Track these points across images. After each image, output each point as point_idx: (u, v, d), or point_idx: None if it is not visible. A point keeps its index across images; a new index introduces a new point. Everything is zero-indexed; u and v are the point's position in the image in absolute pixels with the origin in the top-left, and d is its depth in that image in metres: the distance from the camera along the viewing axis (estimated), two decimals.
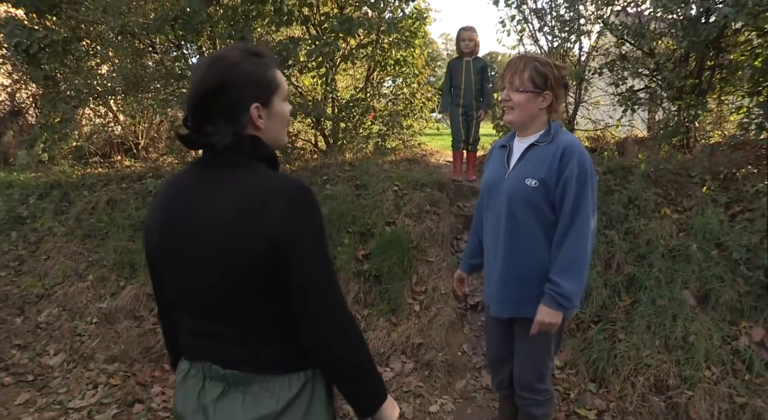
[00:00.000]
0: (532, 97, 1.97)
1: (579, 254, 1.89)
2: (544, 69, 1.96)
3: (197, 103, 1.18)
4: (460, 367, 3.35)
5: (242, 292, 1.14)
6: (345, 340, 1.18)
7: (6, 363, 3.82)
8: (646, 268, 3.48)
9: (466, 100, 4.83)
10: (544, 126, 2.04)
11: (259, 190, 1.14)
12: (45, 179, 5.45)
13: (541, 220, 1.97)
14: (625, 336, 3.19)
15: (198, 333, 1.23)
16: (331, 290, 1.18)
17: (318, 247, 1.16)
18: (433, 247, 4.10)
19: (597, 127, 5.59)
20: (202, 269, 1.16)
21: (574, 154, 1.91)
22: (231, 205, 1.13)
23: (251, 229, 1.11)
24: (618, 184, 4.09)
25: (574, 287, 1.89)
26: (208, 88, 1.16)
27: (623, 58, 4.97)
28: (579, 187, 1.89)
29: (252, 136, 1.21)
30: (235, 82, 1.17)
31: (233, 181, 1.16)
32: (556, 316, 1.92)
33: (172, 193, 1.24)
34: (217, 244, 1.13)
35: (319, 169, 5.14)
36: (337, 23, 4.66)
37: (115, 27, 4.79)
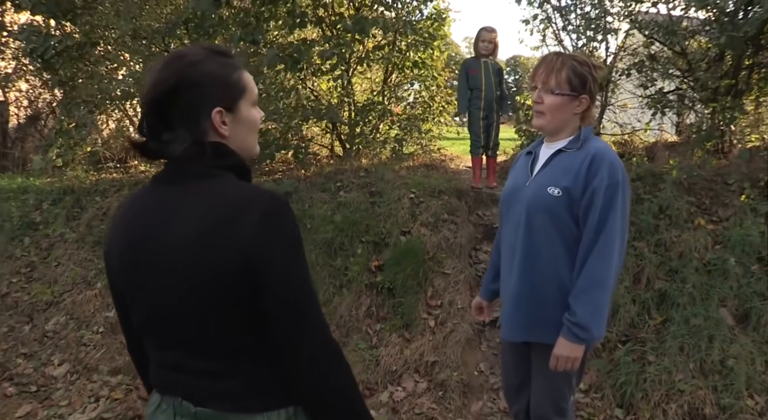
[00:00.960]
0: (568, 101, 1.77)
1: (600, 276, 1.68)
2: (582, 69, 1.75)
3: (152, 106, 1.03)
4: (477, 387, 3.14)
5: (214, 318, 1.01)
6: (329, 371, 1.04)
7: (11, 372, 3.75)
8: (678, 284, 3.23)
9: (487, 103, 4.60)
10: (575, 131, 1.84)
11: (226, 203, 1.01)
12: (59, 184, 5.41)
13: (562, 233, 1.76)
14: (655, 358, 2.95)
15: (167, 365, 1.10)
16: (312, 313, 1.04)
17: (295, 265, 1.02)
18: (450, 258, 3.90)
19: (624, 131, 5.32)
20: (169, 295, 1.03)
21: (603, 162, 1.71)
22: (196, 220, 1.00)
23: (219, 246, 0.98)
24: (648, 192, 3.84)
25: (591, 315, 1.68)
26: (163, 89, 1.02)
27: (652, 59, 4.71)
28: (607, 200, 1.68)
29: (215, 143, 1.07)
30: (194, 82, 1.03)
31: (198, 193, 1.03)
32: (574, 350, 1.70)
33: (133, 211, 1.11)
34: (184, 266, 1.00)
35: (333, 175, 4.98)
36: (351, 23, 4.51)
37: (127, 31, 4.72)
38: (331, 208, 4.36)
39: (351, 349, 3.45)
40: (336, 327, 3.59)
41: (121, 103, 6.00)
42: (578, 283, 1.70)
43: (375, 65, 5.82)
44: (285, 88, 4.85)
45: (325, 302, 3.75)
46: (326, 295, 3.78)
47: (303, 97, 5.15)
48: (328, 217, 4.23)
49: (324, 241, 4.05)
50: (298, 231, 1.05)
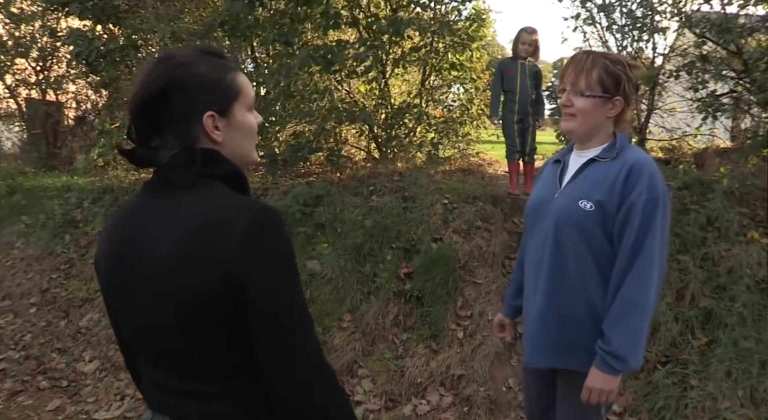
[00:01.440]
0: (600, 104, 1.60)
1: (638, 300, 1.52)
2: (616, 68, 1.59)
3: (140, 110, 0.98)
4: (504, 404, 3.00)
5: (201, 339, 0.96)
6: (320, 397, 0.97)
7: (45, 366, 3.87)
8: (726, 302, 3.00)
9: (522, 106, 4.41)
10: (609, 138, 1.67)
11: (210, 216, 0.95)
12: (100, 184, 5.56)
13: (594, 251, 1.60)
14: (698, 382, 2.74)
15: (157, 385, 1.06)
16: (302, 334, 0.96)
17: (283, 282, 0.95)
18: (483, 267, 3.76)
19: (672, 137, 5.04)
20: (154, 312, 0.98)
21: (643, 174, 1.53)
22: (179, 237, 0.95)
23: (201, 263, 0.92)
24: (695, 201, 3.59)
25: (628, 344, 1.52)
26: (151, 92, 0.96)
27: (704, 59, 4.43)
28: (646, 218, 1.51)
29: (207, 150, 1.00)
30: (183, 85, 0.97)
31: (184, 205, 0.97)
32: (608, 382, 1.54)
33: (123, 222, 1.06)
34: (167, 282, 0.94)
35: (366, 179, 4.91)
36: (386, 24, 4.42)
37: (166, 33, 4.80)
38: (362, 213, 4.29)
39: (376, 358, 3.37)
40: (362, 335, 3.51)
41: None
42: (613, 309, 1.55)
43: (412, 67, 5.72)
44: (319, 90, 4.81)
45: (351, 309, 3.68)
46: (353, 301, 3.71)
47: (337, 99, 5.10)
48: (359, 221, 4.16)
49: (353, 247, 3.98)
50: (287, 246, 0.98)
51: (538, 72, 4.46)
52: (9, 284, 4.93)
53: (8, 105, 8.08)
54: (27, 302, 4.68)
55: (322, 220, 4.30)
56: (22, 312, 4.61)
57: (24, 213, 5.65)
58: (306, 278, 3.87)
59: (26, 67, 7.68)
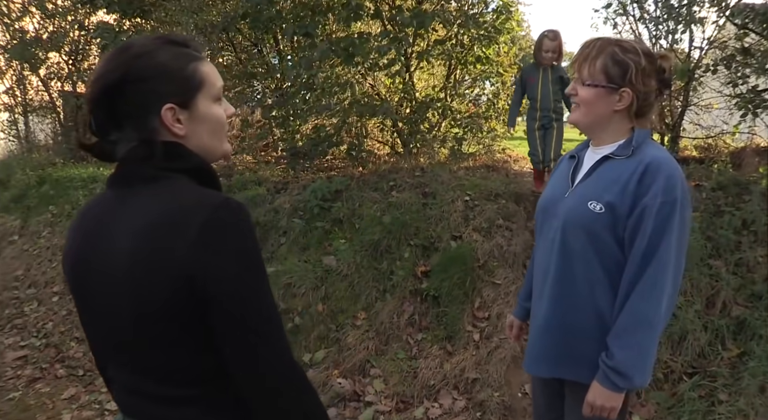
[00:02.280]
0: (603, 94, 1.46)
1: (647, 314, 1.39)
2: (625, 57, 1.44)
3: (96, 103, 0.93)
4: (519, 411, 2.89)
5: (163, 341, 0.91)
6: (290, 400, 0.92)
7: (63, 355, 3.92)
8: (761, 312, 2.82)
9: (543, 113, 4.28)
10: (626, 134, 1.53)
11: (170, 209, 0.90)
12: None
13: (603, 257, 1.47)
14: (728, 397, 2.58)
15: (126, 388, 1.02)
16: (269, 335, 0.91)
17: (248, 281, 0.90)
18: (502, 267, 3.64)
19: (708, 134, 4.80)
20: (114, 314, 0.94)
21: (659, 174, 1.39)
22: (138, 229, 0.90)
23: (160, 261, 0.87)
24: (729, 203, 3.40)
25: (633, 360, 1.39)
26: (107, 83, 0.91)
27: (746, 52, 4.19)
28: (660, 223, 1.37)
29: (169, 143, 0.95)
30: (141, 76, 0.91)
31: (143, 199, 0.93)
32: (610, 398, 1.42)
33: (87, 219, 1.02)
34: (126, 283, 0.90)
35: (387, 174, 4.83)
36: (409, 17, 4.32)
37: (189, 26, 4.80)
38: (380, 209, 4.21)
39: (389, 358, 3.30)
40: (376, 334, 3.44)
41: None
42: (619, 321, 1.42)
43: (436, 61, 5.59)
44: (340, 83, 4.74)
45: (366, 307, 3.61)
46: (368, 299, 3.64)
47: (360, 92, 5.02)
48: (377, 217, 4.08)
49: (370, 243, 3.91)
50: (251, 243, 0.91)
51: (561, 76, 4.24)
52: (35, 272, 5.03)
53: (42, 97, 8.26)
54: (50, 291, 4.76)
55: (340, 215, 4.23)
56: (45, 300, 4.69)
57: (51, 203, 5.75)
58: (321, 274, 3.82)
59: (59, 61, 7.84)
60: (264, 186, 4.95)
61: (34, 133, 8.43)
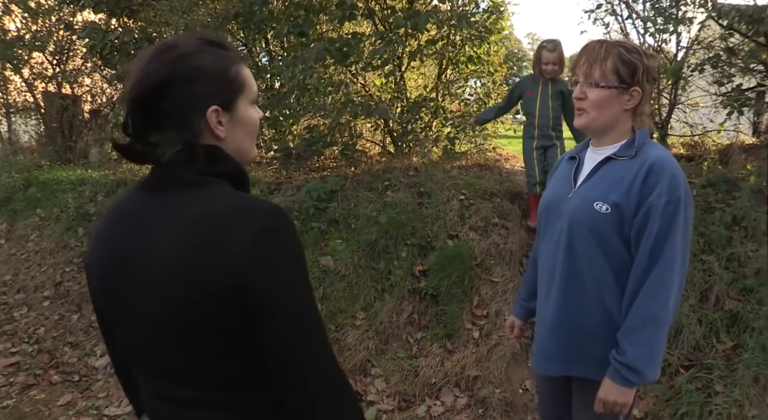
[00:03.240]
0: (616, 95, 1.50)
1: (654, 312, 1.42)
2: (631, 57, 1.48)
3: (138, 104, 0.91)
4: (520, 407, 2.93)
5: (203, 348, 0.90)
6: (332, 404, 0.92)
7: (58, 360, 3.87)
8: (753, 305, 2.90)
9: (542, 131, 3.85)
10: (627, 134, 1.56)
11: (216, 216, 0.88)
12: (113, 177, 5.56)
13: (610, 256, 1.51)
14: (723, 388, 2.65)
15: (157, 394, 1.00)
16: (314, 340, 0.91)
17: (297, 287, 0.90)
18: (499, 265, 3.68)
19: (695, 133, 4.90)
20: (152, 320, 0.91)
21: (663, 174, 1.43)
22: (182, 237, 0.88)
23: (210, 266, 0.85)
24: (720, 200, 3.49)
25: (644, 356, 1.43)
26: (151, 83, 0.89)
27: (731, 52, 4.29)
28: (666, 221, 1.41)
29: (209, 147, 0.94)
30: (187, 77, 0.90)
31: (185, 205, 0.90)
32: (623, 394, 1.46)
33: (115, 224, 0.99)
34: (167, 290, 0.88)
35: (381, 174, 4.84)
36: (403, 18, 4.33)
37: (180, 26, 4.75)
38: (376, 209, 4.22)
39: (389, 357, 3.31)
40: (375, 333, 3.46)
41: None
42: (629, 320, 1.46)
43: (428, 60, 5.62)
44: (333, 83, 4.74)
45: (365, 307, 3.63)
46: (367, 299, 3.66)
47: (352, 92, 5.02)
48: (373, 217, 4.10)
49: (367, 243, 3.92)
50: (298, 249, 0.92)
51: (561, 91, 3.77)
52: (23, 277, 4.96)
53: (26, 99, 8.13)
54: (41, 295, 4.69)
55: (335, 215, 4.24)
56: (35, 305, 4.62)
57: (39, 206, 5.67)
58: (319, 275, 3.82)
59: (43, 61, 7.71)
60: (257, 187, 4.93)
61: (17, 134, 8.28)
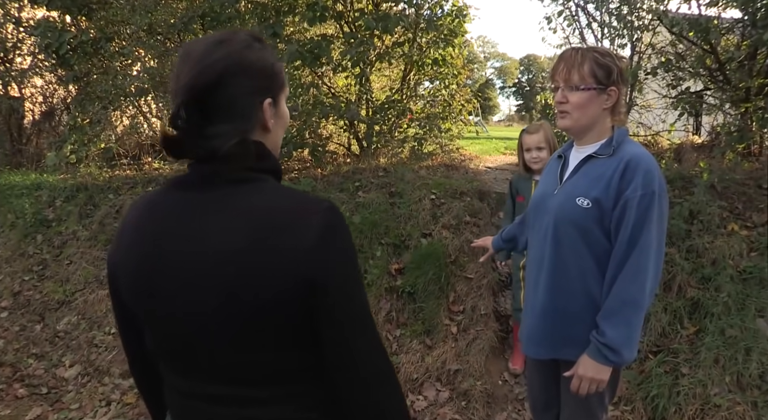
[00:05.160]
0: (595, 96, 1.61)
1: (632, 296, 1.54)
2: (606, 60, 1.60)
3: (196, 94, 0.87)
4: (501, 397, 3.03)
5: (265, 343, 0.89)
6: (384, 395, 0.95)
7: (22, 373, 3.70)
8: (712, 292, 3.10)
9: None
10: (607, 133, 1.68)
11: (280, 212, 0.88)
12: (72, 181, 5.36)
13: (592, 247, 1.62)
14: (689, 370, 2.82)
15: (196, 394, 0.96)
16: (370, 333, 0.94)
17: (355, 281, 0.92)
18: (473, 262, 3.78)
19: (648, 133, 5.17)
20: (208, 316, 0.89)
21: (638, 169, 1.54)
22: (245, 232, 0.86)
23: (274, 263, 0.85)
24: (678, 195, 3.70)
25: (622, 337, 1.54)
26: (209, 75, 0.87)
27: (680, 58, 4.56)
28: (641, 213, 1.52)
29: (256, 142, 0.94)
30: (244, 69, 0.91)
31: (239, 201, 0.89)
32: (600, 371, 1.58)
33: (155, 219, 0.95)
34: (228, 286, 0.86)
35: (351, 175, 4.88)
36: (373, 20, 4.39)
37: (142, 26, 4.65)
38: (349, 209, 4.26)
39: None
40: None
41: (136, 100, 5.93)
42: (608, 303, 1.58)
43: (394, 62, 5.70)
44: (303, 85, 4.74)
45: None
46: None
47: (322, 93, 5.04)
48: (347, 218, 4.11)
49: None
50: (353, 245, 0.95)
51: None
52: None
53: None
54: None
55: None
56: None
57: None
58: None
59: None
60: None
61: None
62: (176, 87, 0.90)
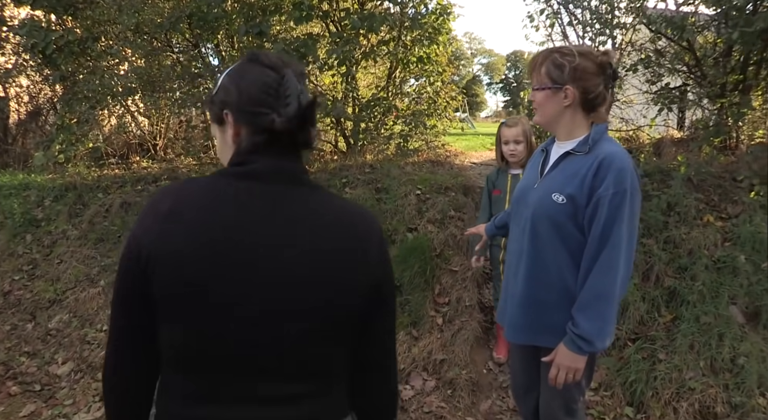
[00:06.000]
0: (551, 95, 1.70)
1: (604, 290, 1.62)
2: (563, 60, 1.67)
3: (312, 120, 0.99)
4: (486, 386, 3.12)
5: (328, 340, 0.97)
6: (396, 382, 1.12)
7: (14, 371, 3.73)
8: (688, 281, 3.21)
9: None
10: (584, 130, 1.75)
11: (351, 219, 0.99)
12: (61, 181, 5.38)
13: (566, 241, 1.71)
14: (665, 356, 2.93)
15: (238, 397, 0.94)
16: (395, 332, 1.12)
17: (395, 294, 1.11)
18: (458, 255, 3.87)
19: (629, 128, 5.29)
20: (288, 312, 0.92)
21: (611, 168, 1.59)
22: (328, 232, 0.95)
23: (356, 264, 0.96)
24: (656, 188, 3.82)
25: (595, 328, 1.63)
26: (313, 100, 0.99)
27: (659, 54, 4.67)
28: (612, 211, 1.58)
29: None
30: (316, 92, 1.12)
31: (314, 201, 0.97)
32: (575, 360, 1.67)
33: (217, 209, 0.92)
34: (312, 280, 0.92)
35: (338, 172, 4.95)
36: (359, 19, 4.45)
37: (129, 25, 4.68)
38: None
39: None
40: None
41: (123, 99, 5.95)
42: (582, 296, 1.66)
43: (380, 60, 5.77)
44: None
45: None
46: None
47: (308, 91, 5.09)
48: None
49: None
50: None
51: None
52: None
53: None
54: None
55: None
56: None
57: None
58: None
59: None
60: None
61: None
62: (284, 96, 0.98)
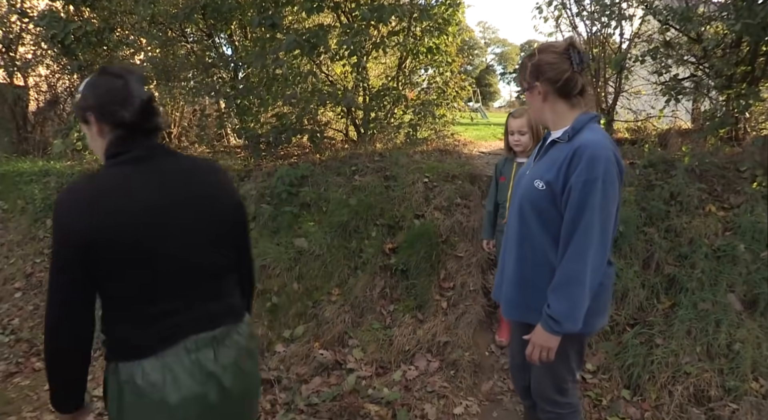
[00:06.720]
0: (529, 95, 1.85)
1: (574, 273, 1.69)
2: (527, 61, 1.83)
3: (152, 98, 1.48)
4: (488, 367, 3.23)
5: (225, 245, 1.49)
6: (254, 269, 1.75)
7: (37, 348, 3.91)
8: (687, 269, 3.29)
9: None
10: (570, 120, 1.82)
11: (211, 169, 1.52)
12: (79, 167, 5.55)
13: (548, 225, 1.79)
14: (663, 341, 3.02)
15: (192, 304, 1.40)
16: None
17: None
18: (463, 241, 3.97)
19: (638, 118, 5.33)
20: (199, 238, 1.41)
21: (583, 157, 1.65)
22: (208, 180, 1.47)
23: (227, 197, 1.52)
24: (659, 178, 3.87)
25: (564, 309, 1.70)
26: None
27: (667, 45, 4.69)
28: (582, 197, 1.65)
29: None
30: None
31: (183, 161, 1.45)
32: (548, 340, 1.76)
33: (144, 182, 1.35)
34: (211, 216, 1.44)
35: (348, 160, 5.05)
36: (369, 10, 4.53)
37: (145, 16, 4.79)
38: (346, 192, 4.44)
39: (365, 328, 3.55)
40: (351, 307, 3.69)
41: None
42: (555, 279, 1.73)
43: (390, 51, 5.84)
44: (301, 73, 4.90)
45: (340, 283, 3.85)
46: (341, 276, 3.88)
47: (319, 81, 5.20)
48: (344, 200, 4.31)
49: (339, 224, 4.14)
50: None
51: None
52: None
53: None
54: (11, 287, 4.69)
55: (307, 199, 4.43)
56: (6, 297, 4.62)
57: (1, 198, 5.60)
58: (294, 255, 4.02)
59: None
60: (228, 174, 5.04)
61: None
62: (129, 97, 1.36)
